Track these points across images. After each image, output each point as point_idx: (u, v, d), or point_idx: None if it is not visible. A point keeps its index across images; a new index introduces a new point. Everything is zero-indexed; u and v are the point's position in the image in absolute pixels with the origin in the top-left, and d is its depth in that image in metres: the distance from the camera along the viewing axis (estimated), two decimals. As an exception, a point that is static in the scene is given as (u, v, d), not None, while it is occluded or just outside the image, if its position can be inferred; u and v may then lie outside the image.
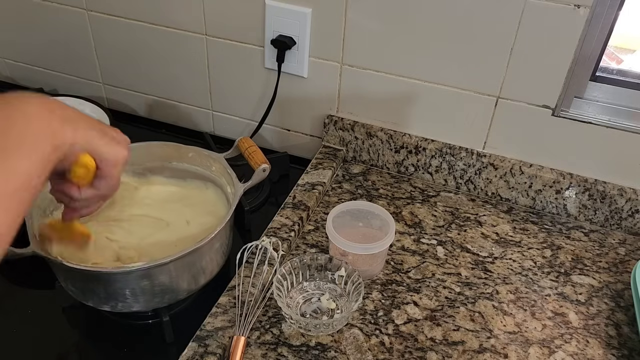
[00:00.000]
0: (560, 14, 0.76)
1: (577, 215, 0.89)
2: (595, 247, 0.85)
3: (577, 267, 0.81)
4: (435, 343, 0.68)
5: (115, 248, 0.74)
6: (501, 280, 0.78)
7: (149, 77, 1.09)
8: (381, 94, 0.93)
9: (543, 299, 0.75)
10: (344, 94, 0.96)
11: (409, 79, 0.90)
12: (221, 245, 0.72)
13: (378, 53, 0.89)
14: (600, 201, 0.87)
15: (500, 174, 0.90)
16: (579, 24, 0.76)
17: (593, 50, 0.79)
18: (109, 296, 0.65)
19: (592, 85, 0.83)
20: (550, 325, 0.72)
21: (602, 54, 0.80)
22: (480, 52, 0.83)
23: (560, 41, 0.78)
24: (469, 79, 0.86)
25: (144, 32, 1.03)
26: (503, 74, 0.83)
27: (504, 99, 0.86)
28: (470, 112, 0.89)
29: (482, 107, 0.88)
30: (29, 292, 0.78)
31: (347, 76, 0.93)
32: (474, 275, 0.78)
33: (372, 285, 0.76)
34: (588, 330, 0.71)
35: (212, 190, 0.82)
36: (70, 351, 0.71)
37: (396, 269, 0.78)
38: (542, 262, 0.81)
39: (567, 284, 0.78)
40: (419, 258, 0.80)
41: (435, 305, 0.73)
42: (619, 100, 0.83)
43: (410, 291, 0.75)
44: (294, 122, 1.03)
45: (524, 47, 0.80)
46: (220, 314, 0.68)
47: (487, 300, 0.74)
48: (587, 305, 0.75)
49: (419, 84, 0.89)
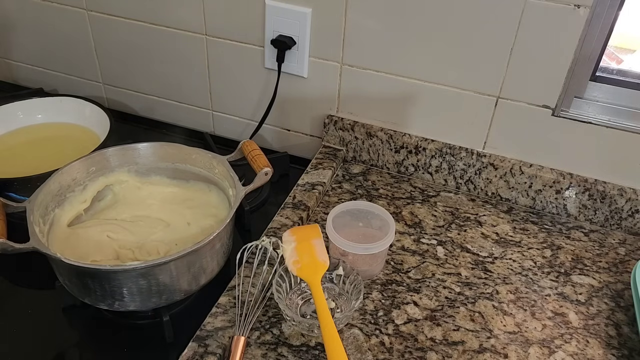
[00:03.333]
0: (561, 14, 0.76)
1: (577, 215, 0.89)
2: (595, 247, 0.85)
3: (577, 267, 0.81)
4: (435, 343, 0.68)
5: (115, 247, 0.74)
6: (501, 280, 0.78)
7: (149, 77, 1.10)
8: (381, 93, 0.93)
9: (543, 299, 0.75)
10: (344, 94, 0.96)
11: (408, 78, 0.90)
12: (222, 245, 0.72)
13: (378, 53, 0.89)
14: (600, 201, 0.87)
15: (500, 174, 0.91)
16: (579, 23, 0.76)
17: (593, 50, 0.79)
18: (106, 294, 0.66)
19: (592, 86, 0.83)
20: (550, 325, 0.72)
21: (602, 53, 0.80)
22: (480, 52, 0.83)
23: (561, 41, 0.78)
24: (468, 79, 0.86)
25: (144, 32, 1.03)
26: (503, 74, 0.84)
27: (504, 98, 0.86)
28: (470, 112, 0.89)
29: (482, 107, 0.88)
30: (29, 292, 0.78)
31: (347, 76, 0.93)
32: (474, 275, 0.78)
33: (372, 285, 0.76)
34: (588, 330, 0.71)
35: (215, 192, 0.82)
36: (71, 351, 0.71)
37: (396, 269, 0.79)
38: (542, 262, 0.81)
39: (567, 284, 0.78)
40: (419, 258, 0.81)
41: (435, 305, 0.73)
42: (619, 100, 0.83)
43: (410, 291, 0.75)
44: (293, 122, 1.03)
45: (524, 47, 0.80)
46: (220, 314, 0.69)
47: (487, 300, 0.75)
48: (587, 305, 0.75)
49: (419, 83, 0.89)
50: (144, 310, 0.70)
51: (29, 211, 0.68)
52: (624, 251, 0.85)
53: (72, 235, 0.75)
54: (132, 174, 0.83)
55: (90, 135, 1.01)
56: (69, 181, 0.77)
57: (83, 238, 0.75)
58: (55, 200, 0.75)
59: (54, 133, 1.03)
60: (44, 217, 0.72)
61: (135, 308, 0.68)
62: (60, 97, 1.06)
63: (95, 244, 0.74)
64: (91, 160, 0.80)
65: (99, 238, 0.75)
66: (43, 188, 0.73)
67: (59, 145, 1.01)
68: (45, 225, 0.72)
